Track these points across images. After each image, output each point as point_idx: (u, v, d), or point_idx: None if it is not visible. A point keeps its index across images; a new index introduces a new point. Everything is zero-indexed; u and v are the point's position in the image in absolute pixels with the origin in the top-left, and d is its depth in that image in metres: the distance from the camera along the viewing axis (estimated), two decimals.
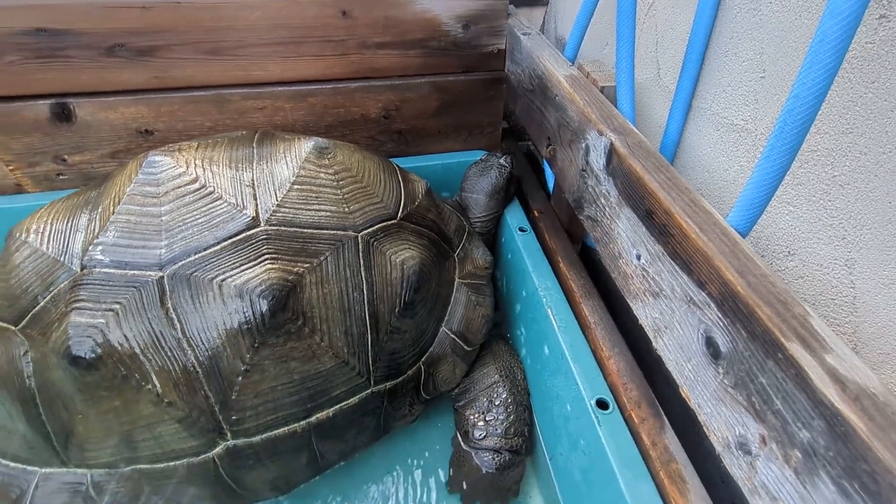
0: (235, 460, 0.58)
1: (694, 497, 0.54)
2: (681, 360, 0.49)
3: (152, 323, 0.51)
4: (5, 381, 0.53)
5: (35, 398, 0.53)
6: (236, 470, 0.59)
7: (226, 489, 0.60)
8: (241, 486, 0.61)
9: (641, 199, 0.52)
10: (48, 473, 0.56)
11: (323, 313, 0.56)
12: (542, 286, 0.78)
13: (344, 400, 0.61)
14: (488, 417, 0.75)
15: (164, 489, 0.58)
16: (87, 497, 0.57)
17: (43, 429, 0.54)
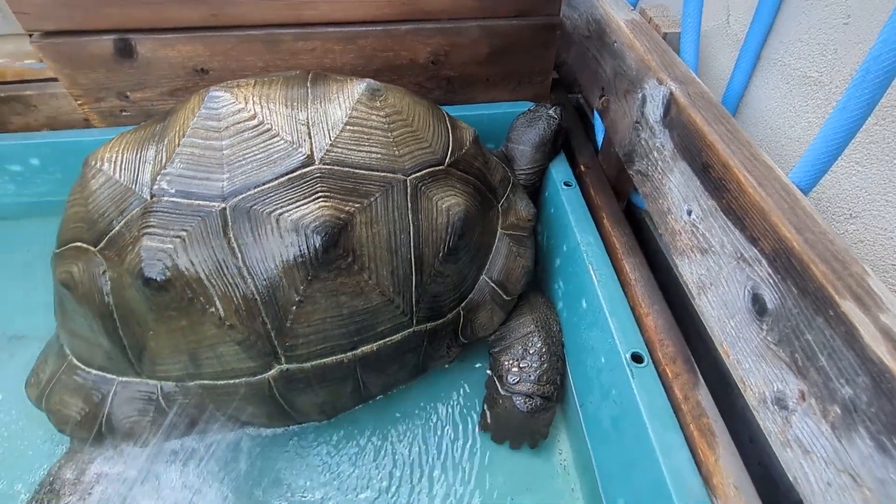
0: (288, 383, 0.62)
1: (722, 450, 0.55)
2: (723, 316, 0.49)
3: (216, 251, 0.54)
4: (87, 297, 0.58)
5: (113, 314, 0.58)
6: (288, 392, 0.64)
7: (279, 409, 0.66)
8: (292, 407, 0.67)
9: (698, 152, 0.50)
10: (125, 382, 0.63)
11: (371, 252, 0.59)
12: (583, 241, 0.78)
13: (388, 336, 0.65)
14: (522, 364, 0.78)
15: (224, 404, 0.64)
16: (159, 406, 0.63)
17: (120, 342, 0.60)
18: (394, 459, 0.75)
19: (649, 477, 0.58)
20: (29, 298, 0.91)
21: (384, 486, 0.72)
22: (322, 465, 0.74)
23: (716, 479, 0.53)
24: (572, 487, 0.73)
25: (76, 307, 0.61)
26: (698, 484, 0.53)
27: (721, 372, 0.70)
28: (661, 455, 0.56)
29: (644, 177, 0.64)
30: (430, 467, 0.74)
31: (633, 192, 0.90)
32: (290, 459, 0.75)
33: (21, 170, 0.97)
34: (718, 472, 0.54)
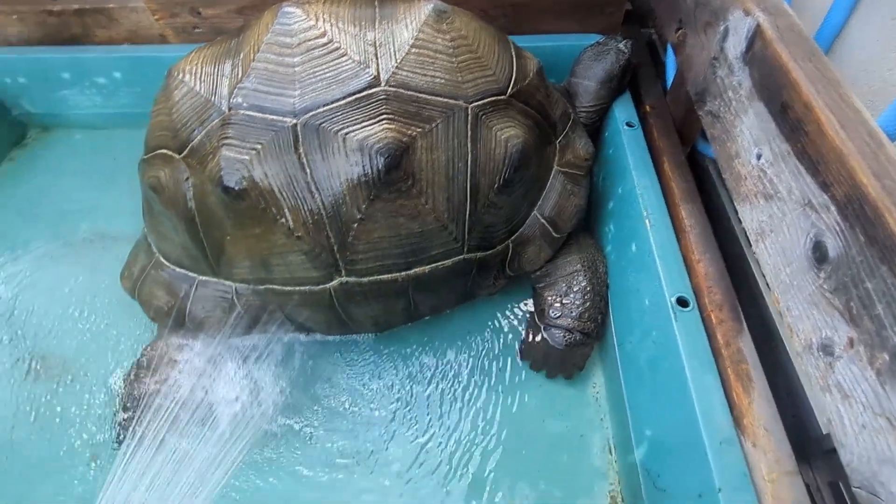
0: (347, 295, 0.68)
1: (757, 395, 0.56)
2: (780, 264, 0.48)
3: (287, 165, 0.58)
4: (173, 201, 0.64)
5: (195, 218, 0.64)
6: (347, 303, 0.69)
7: (337, 318, 0.72)
8: (349, 318, 0.72)
9: (779, 91, 0.48)
10: (204, 281, 0.70)
11: (430, 177, 0.61)
12: (640, 185, 0.76)
13: (440, 260, 0.68)
14: (565, 300, 0.80)
15: (289, 309, 0.71)
16: (232, 305, 0.71)
17: (201, 244, 0.66)
18: (435, 375, 0.81)
19: (680, 413, 0.60)
20: (117, 204, 1.01)
21: (424, 398, 0.79)
22: (370, 374, 0.81)
23: (746, 420, 0.55)
24: (601, 417, 0.77)
25: (162, 210, 0.67)
26: (728, 423, 0.55)
27: (766, 325, 0.69)
28: (695, 393, 0.58)
29: (715, 118, 0.61)
30: (468, 386, 0.80)
31: (699, 138, 0.86)
32: (341, 366, 0.82)
33: (106, 82, 1.03)
34: (750, 414, 0.55)
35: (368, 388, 0.80)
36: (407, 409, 0.78)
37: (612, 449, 0.75)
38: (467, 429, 0.76)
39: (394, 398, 0.79)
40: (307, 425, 0.77)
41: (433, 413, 0.78)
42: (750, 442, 0.54)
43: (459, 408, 0.78)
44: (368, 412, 0.78)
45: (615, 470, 0.73)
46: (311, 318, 0.72)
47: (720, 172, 0.87)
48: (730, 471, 0.53)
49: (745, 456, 0.53)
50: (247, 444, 0.73)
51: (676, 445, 0.60)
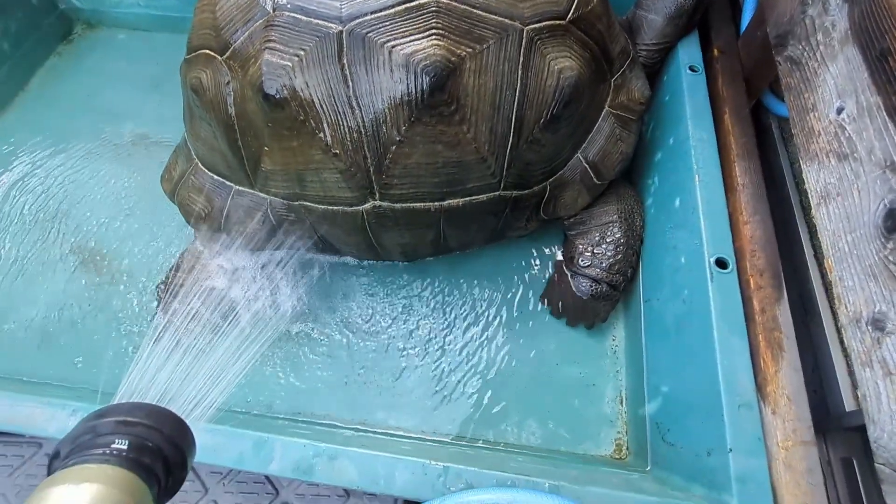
0: (378, 219, 0.67)
1: (786, 365, 0.55)
2: (841, 230, 0.45)
3: (329, 76, 0.56)
4: (213, 104, 0.64)
5: (234, 125, 0.63)
6: (378, 227, 0.69)
7: (366, 241, 0.72)
8: (378, 243, 0.73)
9: (882, 35, 0.42)
10: (241, 191, 0.70)
11: (475, 104, 0.58)
12: (695, 136, 0.71)
13: (475, 194, 0.66)
14: (597, 251, 0.78)
15: (322, 227, 0.71)
16: (267, 217, 0.71)
17: (238, 153, 0.66)
18: (455, 309, 0.82)
19: (702, 373, 0.59)
20: (160, 109, 1.01)
21: (442, 331, 0.80)
22: (389, 299, 0.83)
23: (770, 388, 0.54)
24: (617, 370, 0.77)
25: (203, 113, 0.66)
26: (750, 387, 0.54)
27: (802, 298, 0.66)
28: (720, 355, 0.57)
29: (794, 65, 0.55)
30: (488, 323, 0.81)
31: (766, 91, 0.80)
32: (363, 287, 0.84)
33: None
34: (775, 382, 0.54)
35: (385, 312, 0.82)
36: (426, 338, 0.80)
37: (623, 400, 0.75)
38: (483, 363, 0.78)
39: (413, 326, 0.81)
40: (325, 336, 0.80)
41: (452, 344, 0.79)
42: (770, 409, 0.53)
43: (478, 343, 0.79)
44: (387, 337, 0.80)
45: (623, 420, 0.74)
46: (342, 240, 0.73)
47: (783, 132, 0.81)
48: (744, 433, 0.52)
49: (763, 421, 0.53)
50: (265, 342, 0.77)
51: (692, 404, 0.60)
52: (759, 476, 0.50)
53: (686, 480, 0.58)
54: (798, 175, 0.74)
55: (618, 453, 0.71)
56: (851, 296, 0.43)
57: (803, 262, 0.69)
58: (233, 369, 0.46)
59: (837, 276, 0.45)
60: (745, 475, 0.51)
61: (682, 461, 0.60)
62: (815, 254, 0.68)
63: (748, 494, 0.50)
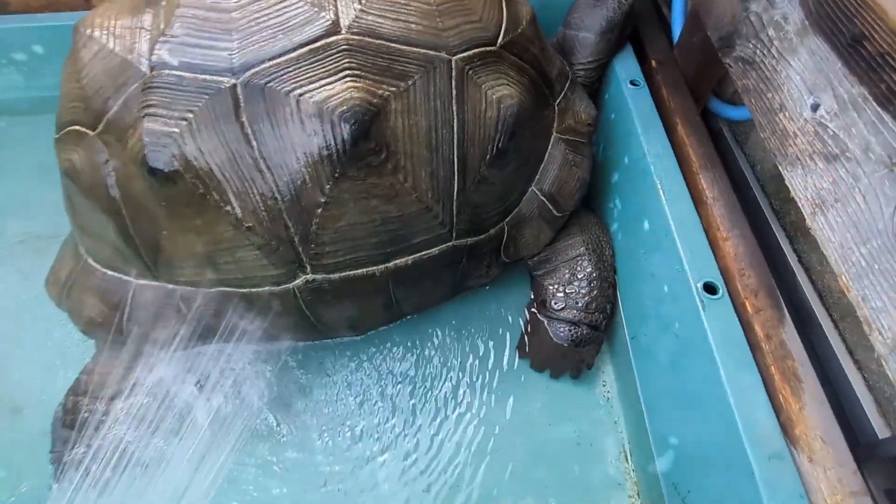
0: (314, 294, 0.57)
1: (810, 399, 0.48)
2: (850, 241, 0.39)
3: (228, 138, 0.46)
4: (93, 188, 0.52)
5: (121, 209, 0.52)
6: (315, 304, 0.58)
7: (305, 322, 0.61)
8: (319, 321, 0.61)
9: (849, 19, 0.37)
10: (143, 285, 0.58)
11: (408, 149, 0.50)
12: (651, 152, 0.66)
13: (424, 249, 0.57)
14: (569, 290, 0.70)
15: (248, 314, 0.59)
16: (179, 311, 0.59)
17: (132, 242, 0.54)
18: (424, 381, 0.71)
19: (713, 419, 0.51)
20: (49, 199, 0.87)
21: (411, 407, 0.69)
22: (348, 383, 0.71)
23: (799, 430, 0.46)
24: (615, 420, 0.68)
25: (83, 201, 0.55)
26: (776, 432, 0.46)
27: (805, 312, 0.60)
28: (733, 396, 0.49)
29: (748, 65, 0.51)
30: (462, 391, 0.70)
31: (710, 97, 0.76)
32: (315, 375, 0.72)
33: (26, 59, 0.89)
34: (802, 422, 0.46)
35: (346, 399, 0.70)
36: (393, 421, 0.68)
37: (627, 456, 0.66)
38: (463, 440, 0.66)
39: (377, 410, 0.69)
40: (280, 453, 0.67)
41: (423, 424, 0.68)
42: (805, 456, 0.45)
43: (453, 417, 0.68)
44: (350, 430, 0.68)
45: (633, 480, 0.64)
46: (275, 324, 0.61)
47: (735, 135, 0.77)
48: (783, 494, 0.44)
49: (801, 474, 0.44)
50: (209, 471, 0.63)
51: (710, 458, 0.51)
52: None
53: None
54: (763, 178, 0.70)
55: None
56: (885, 319, 0.36)
57: (788, 269, 0.64)
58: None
59: (859, 297, 0.38)
60: None
61: None
62: (800, 259, 0.63)
63: None
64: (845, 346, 0.56)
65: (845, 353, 0.55)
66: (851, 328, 0.55)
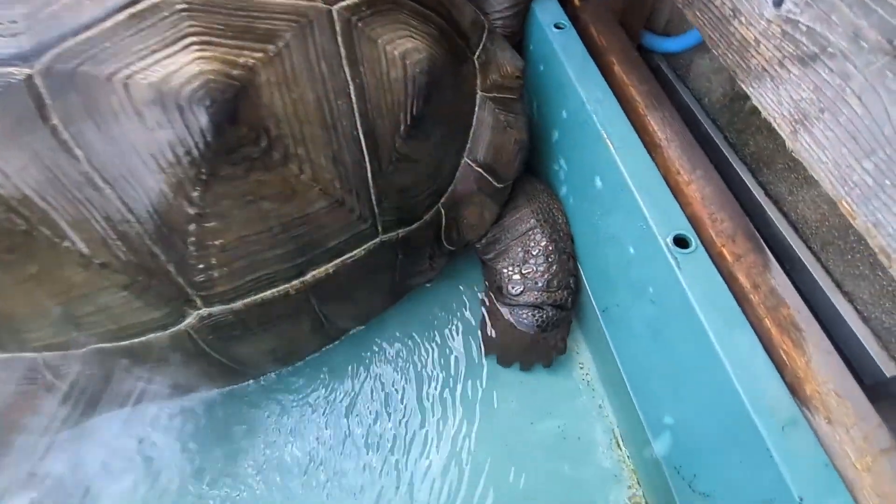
0: (216, 332, 0.45)
1: (814, 349, 0.41)
2: (849, 157, 0.32)
3: (38, 150, 0.34)
4: None
5: None
6: (221, 343, 0.47)
7: (215, 365, 0.49)
8: (233, 361, 0.50)
9: None
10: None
11: (296, 131, 0.39)
12: (590, 99, 0.58)
13: (346, 252, 0.47)
14: (525, 270, 0.62)
15: (137, 371, 0.47)
16: (46, 382, 0.46)
17: None
18: (380, 404, 0.61)
19: (709, 389, 0.44)
20: None
21: (373, 438, 0.59)
22: (292, 423, 0.60)
23: (809, 388, 0.40)
24: (599, 404, 0.61)
25: None
26: (784, 395, 0.40)
27: (781, 248, 0.55)
28: (727, 359, 0.42)
29: None
30: (425, 406, 0.60)
31: (643, 32, 0.69)
32: (247, 420, 0.60)
33: None
34: (812, 378, 0.40)
35: (291, 441, 0.59)
36: (351, 454, 0.58)
37: (619, 442, 0.59)
38: (435, 461, 0.57)
39: (327, 445, 0.58)
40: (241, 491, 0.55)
41: (384, 455, 0.58)
42: (822, 417, 0.39)
43: (420, 439, 0.59)
44: (301, 473, 0.57)
45: (630, 468, 0.57)
46: (176, 375, 0.49)
47: (675, 70, 0.71)
48: (804, 465, 0.37)
49: (820, 438, 0.38)
50: None
51: (715, 436, 0.45)
52: None
53: None
54: (712, 111, 0.64)
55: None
56: None
57: (755, 204, 0.58)
58: None
59: (869, 223, 0.31)
60: None
61: None
62: (767, 192, 0.57)
63: None
64: (831, 278, 0.50)
65: (832, 286, 0.50)
66: (835, 258, 0.49)
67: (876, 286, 0.44)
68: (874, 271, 0.43)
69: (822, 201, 0.48)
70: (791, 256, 0.54)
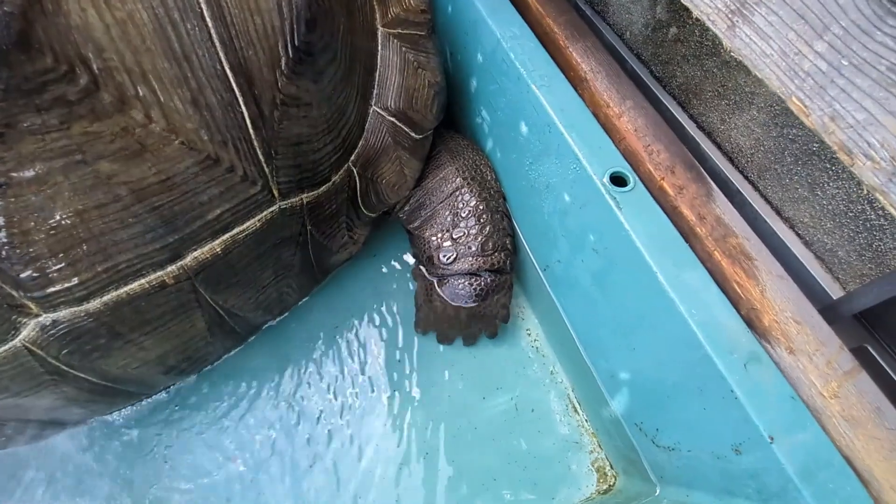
0: (71, 343, 0.35)
1: (767, 276, 0.38)
2: (798, 41, 0.28)
3: None
4: None
5: None
6: (83, 357, 0.37)
7: (82, 387, 0.39)
8: (108, 379, 0.40)
9: None
10: None
11: (131, 63, 0.29)
12: (505, 36, 0.52)
13: (234, 225, 0.38)
14: (456, 234, 0.56)
15: None
16: None
17: None
18: (311, 407, 0.53)
19: (665, 336, 0.40)
20: None
21: (319, 434, 0.50)
22: (210, 445, 0.50)
23: (767, 318, 0.37)
24: (551, 370, 0.56)
25: None
26: (743, 330, 0.36)
27: (719, 180, 0.52)
28: (680, 301, 0.38)
29: None
30: (369, 397, 0.53)
31: None
32: (152, 454, 0.50)
33: None
34: (769, 308, 0.37)
35: (211, 468, 0.49)
36: (296, 453, 0.49)
37: (576, 407, 0.55)
38: (379, 455, 0.50)
39: (257, 467, 0.50)
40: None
41: (319, 454, 0.50)
42: (784, 348, 0.36)
43: (367, 431, 0.51)
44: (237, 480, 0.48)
45: (590, 433, 0.53)
46: (21, 409, 0.38)
47: (594, 5, 0.67)
48: (770, 401, 0.34)
49: (783, 370, 0.35)
50: None
51: (675, 385, 0.41)
52: (823, 455, 0.32)
53: (719, 497, 0.39)
54: (635, 45, 0.60)
55: (603, 481, 0.50)
56: (874, 134, 0.25)
57: (688, 137, 0.54)
58: None
59: (825, 116, 0.27)
60: (807, 466, 0.32)
61: (700, 470, 0.40)
62: (699, 125, 0.54)
63: (827, 492, 0.31)
64: (770, 206, 0.48)
65: (772, 214, 0.48)
66: (773, 184, 0.47)
67: (815, 207, 0.42)
68: (813, 192, 0.40)
69: (756, 125, 0.46)
70: (730, 189, 0.51)
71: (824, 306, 0.44)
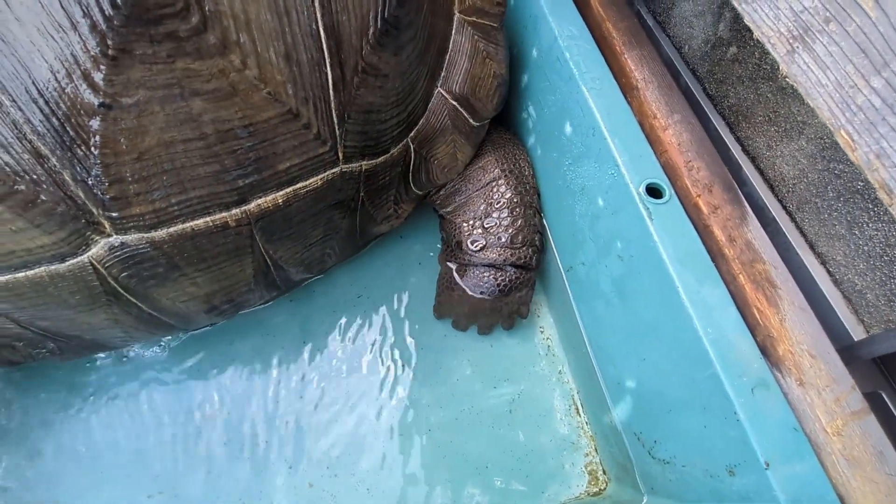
0: (133, 267, 0.37)
1: (789, 307, 0.40)
2: (854, 74, 0.29)
3: None
4: None
5: None
6: (140, 283, 0.39)
7: (132, 313, 0.41)
8: (155, 308, 0.42)
9: None
10: None
11: (238, 9, 0.31)
12: (563, 35, 0.53)
13: (300, 180, 0.40)
14: (487, 223, 0.57)
15: (17, 313, 0.38)
16: None
17: None
18: (321, 370, 0.55)
19: (676, 349, 0.42)
20: None
21: (315, 412, 0.53)
22: (226, 395, 0.53)
23: (782, 347, 0.38)
24: (559, 370, 0.59)
25: None
26: (755, 355, 0.38)
27: (756, 206, 0.53)
28: (697, 317, 0.40)
29: None
30: (377, 371, 0.55)
31: None
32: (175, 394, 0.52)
33: None
34: (786, 337, 0.39)
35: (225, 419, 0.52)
36: (292, 432, 0.52)
37: (579, 408, 0.57)
38: (378, 432, 0.53)
39: (273, 426, 0.52)
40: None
41: (325, 427, 0.52)
42: (793, 379, 0.37)
43: (369, 404, 0.54)
44: (239, 451, 0.50)
45: (588, 435, 0.55)
46: (81, 326, 0.41)
47: (655, 17, 0.68)
48: (771, 429, 0.36)
49: (790, 401, 0.37)
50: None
51: (679, 400, 0.43)
52: (817, 489, 0.34)
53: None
54: (692, 60, 0.61)
55: (594, 484, 0.53)
56: None
57: (732, 160, 0.56)
58: None
59: (871, 154, 0.29)
60: (799, 497, 0.34)
61: (691, 486, 0.43)
62: (744, 148, 0.55)
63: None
64: (804, 239, 0.50)
65: (805, 246, 0.49)
66: (811, 218, 0.49)
67: (851, 246, 0.44)
68: (851, 230, 0.42)
69: (802, 155, 0.47)
70: (765, 216, 0.53)
71: (844, 346, 0.46)
